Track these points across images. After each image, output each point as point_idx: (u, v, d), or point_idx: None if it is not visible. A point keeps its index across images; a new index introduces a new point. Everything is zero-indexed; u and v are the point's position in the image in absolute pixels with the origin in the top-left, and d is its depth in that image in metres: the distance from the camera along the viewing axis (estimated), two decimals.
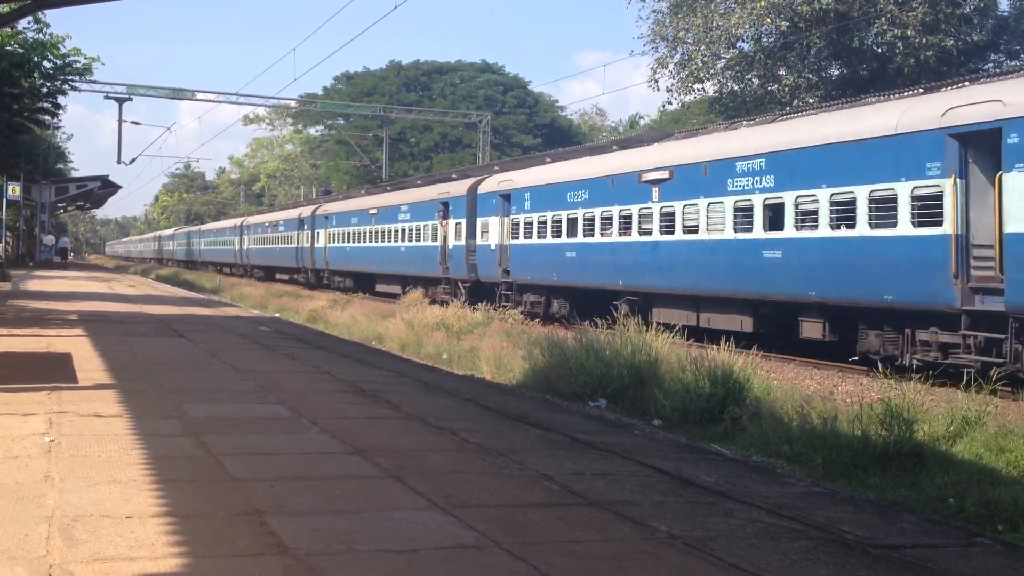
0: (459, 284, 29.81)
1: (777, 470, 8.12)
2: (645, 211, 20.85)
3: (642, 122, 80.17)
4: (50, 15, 33.06)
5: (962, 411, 9.98)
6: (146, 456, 6.93)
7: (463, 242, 29.45)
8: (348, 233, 41.27)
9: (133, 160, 57.78)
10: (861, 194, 14.93)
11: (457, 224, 30.01)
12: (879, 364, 13.48)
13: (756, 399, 10.91)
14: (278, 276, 53.16)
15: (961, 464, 8.53)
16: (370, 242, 38.31)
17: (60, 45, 32.71)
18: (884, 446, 8.52)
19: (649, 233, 20.66)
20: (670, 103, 42.37)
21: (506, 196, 27.12)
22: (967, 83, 15.78)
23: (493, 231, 27.53)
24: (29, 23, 30.95)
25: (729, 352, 11.71)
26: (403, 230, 34.81)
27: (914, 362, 14.01)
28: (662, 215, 20.15)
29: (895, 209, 14.32)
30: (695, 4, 37.94)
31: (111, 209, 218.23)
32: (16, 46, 30.94)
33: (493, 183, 28.42)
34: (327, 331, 22.48)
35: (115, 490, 5.91)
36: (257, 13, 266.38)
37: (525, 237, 25.74)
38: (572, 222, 23.62)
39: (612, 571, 4.85)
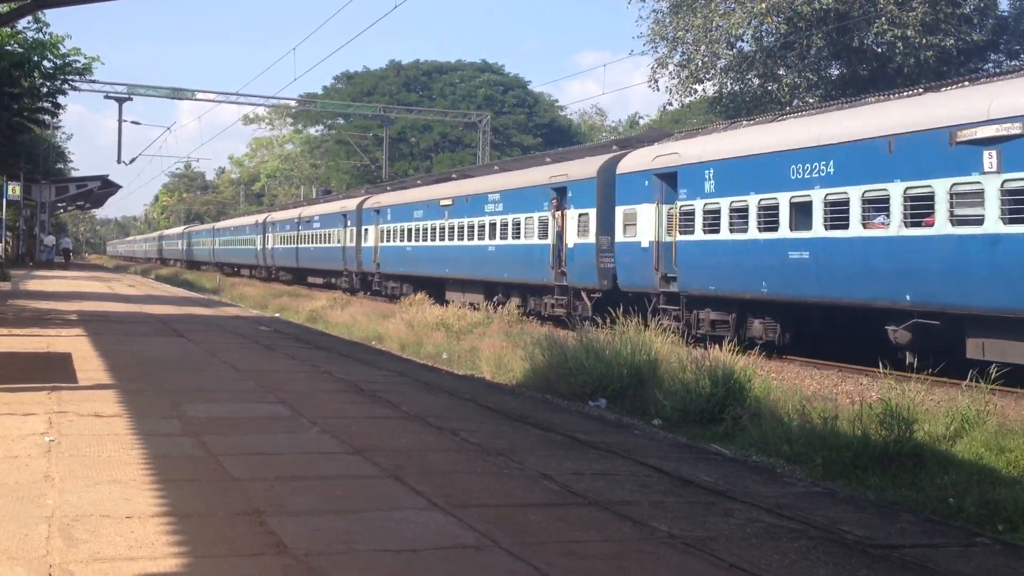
0: (582, 293, 22.92)
1: (777, 470, 8.12)
2: (967, 188, 13.20)
3: (642, 122, 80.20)
4: (50, 15, 33.07)
5: (962, 411, 9.98)
6: (146, 456, 6.93)
7: (591, 239, 22.48)
8: (408, 230, 34.08)
9: (133, 160, 57.78)
10: None
11: (581, 215, 23.01)
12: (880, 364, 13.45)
13: (756, 399, 10.91)
14: (310, 280, 46.72)
15: (961, 464, 8.53)
16: (439, 240, 31.28)
17: (60, 45, 32.67)
18: (884, 446, 8.52)
19: (979, 223, 13.01)
20: (671, 104, 42.39)
21: (668, 176, 19.82)
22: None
23: (645, 224, 20.43)
24: (29, 23, 30.93)
25: (729, 352, 11.71)
26: (492, 225, 27.52)
27: None
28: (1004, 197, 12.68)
29: None
30: (695, 4, 37.95)
31: (111, 209, 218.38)
32: (16, 46, 30.91)
33: (643, 159, 21.13)
34: (327, 331, 22.48)
35: (115, 490, 5.91)
36: (257, 13, 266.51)
37: (707, 231, 18.27)
38: (800, 209, 16.10)
39: (612, 571, 4.85)
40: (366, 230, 38.74)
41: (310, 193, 77.15)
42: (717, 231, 18.02)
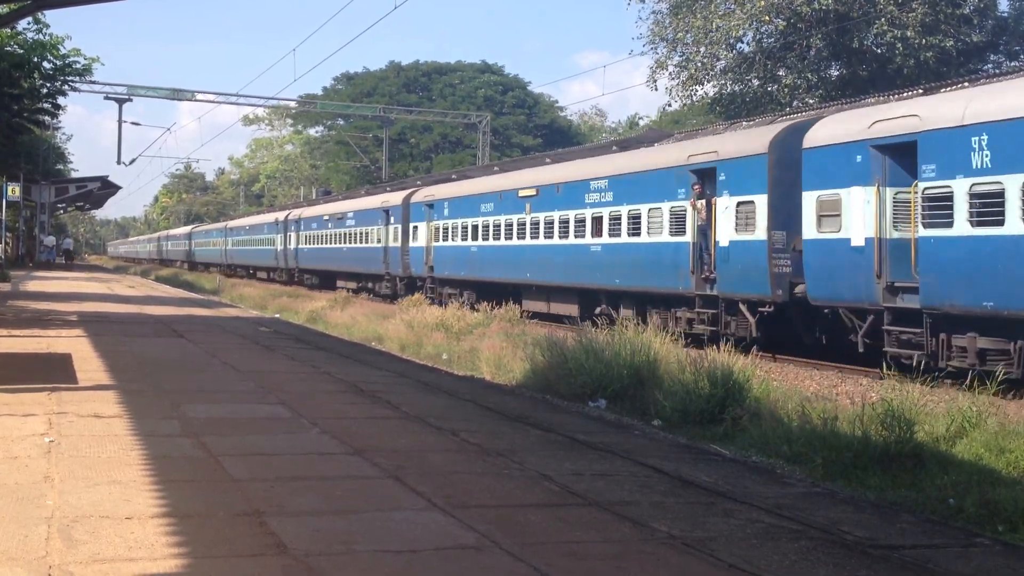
0: (741, 306, 17.56)
1: (777, 470, 8.12)
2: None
3: (642, 123, 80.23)
4: (50, 15, 33.05)
5: (962, 411, 9.98)
6: (146, 457, 6.93)
7: (758, 234, 17.12)
8: (472, 227, 28.71)
9: (133, 161, 57.80)
10: None
11: (741, 205, 17.55)
12: (882, 364, 13.46)
13: (756, 399, 10.91)
14: (341, 284, 40.72)
15: (961, 464, 8.52)
16: (515, 239, 25.95)
17: (60, 46, 32.69)
18: (884, 446, 8.52)
19: None
20: (670, 104, 42.43)
21: (898, 147, 14.49)
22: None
23: (856, 214, 15.01)
24: (29, 24, 30.95)
25: (729, 353, 11.71)
26: (596, 219, 21.98)
27: None
28: None
29: None
30: (695, 5, 37.98)
31: (111, 210, 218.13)
32: (16, 47, 30.93)
33: (851, 126, 15.44)
34: (327, 332, 22.48)
35: (115, 491, 5.91)
36: (257, 13, 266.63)
37: (977, 222, 13.02)
38: None
39: (612, 571, 4.85)
40: (414, 228, 33.16)
41: (310, 194, 77.10)
42: (1001, 222, 12.56)
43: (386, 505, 5.92)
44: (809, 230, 15.92)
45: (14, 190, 48.64)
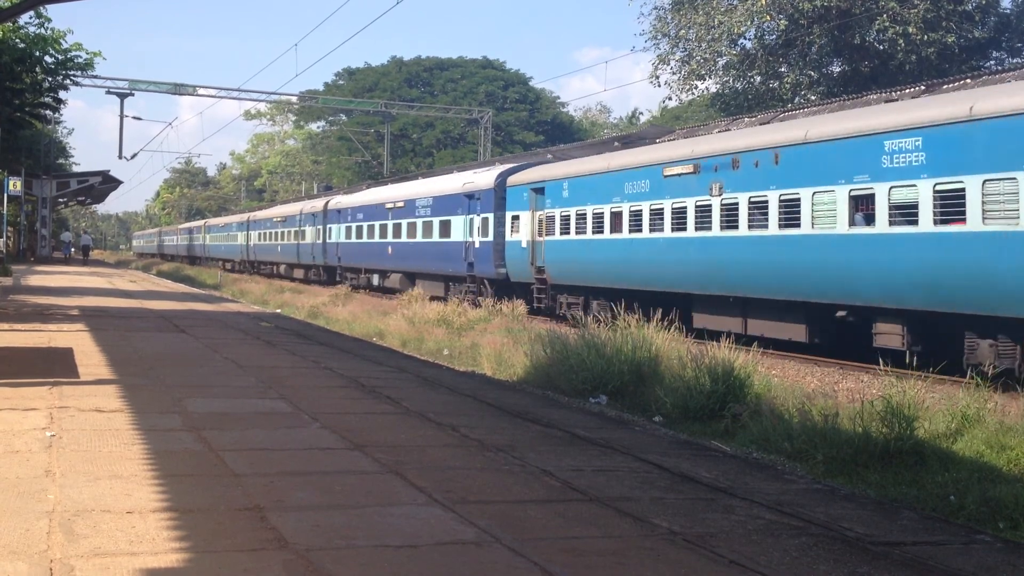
0: None
1: (778, 467, 8.12)
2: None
3: (643, 118, 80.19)
4: (52, 10, 33.07)
5: (963, 408, 9.98)
6: (147, 451, 6.93)
7: None
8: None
9: (134, 155, 58.04)
10: None
11: None
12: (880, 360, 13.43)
13: (757, 396, 10.92)
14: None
15: (962, 461, 8.53)
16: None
17: (62, 40, 32.68)
18: (885, 443, 8.52)
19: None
20: (670, 98, 42.37)
21: None
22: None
23: None
24: (31, 18, 30.96)
25: (729, 349, 11.71)
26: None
27: None
28: None
29: None
30: (696, 1, 37.92)
31: (112, 204, 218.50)
32: (18, 41, 30.92)
33: None
34: (328, 327, 22.47)
35: (116, 485, 5.91)
36: (259, 8, 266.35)
37: None
38: None
39: (612, 567, 4.86)
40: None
41: (311, 190, 77.09)
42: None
43: (386, 500, 5.93)
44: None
45: (15, 184, 48.63)
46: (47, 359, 11.99)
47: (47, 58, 32.75)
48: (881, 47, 35.56)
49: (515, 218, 26.67)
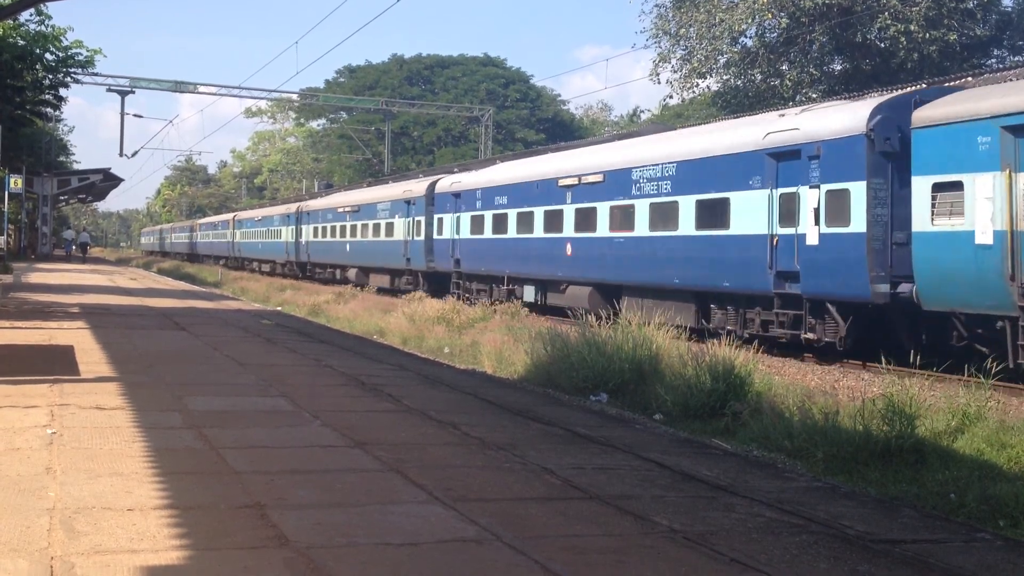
0: None
1: (778, 465, 8.12)
2: None
3: (643, 116, 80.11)
4: (52, 7, 33.06)
5: (963, 407, 9.98)
6: (148, 449, 6.94)
7: None
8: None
9: (135, 153, 58.18)
10: None
11: None
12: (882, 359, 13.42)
13: (757, 394, 10.93)
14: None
15: (962, 459, 8.53)
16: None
17: (62, 37, 32.71)
18: (885, 441, 8.53)
19: None
20: (671, 96, 42.34)
21: None
22: None
23: None
24: (31, 15, 30.97)
25: (730, 347, 11.71)
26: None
27: None
28: None
29: None
30: None
31: (113, 202, 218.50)
32: (18, 39, 30.94)
33: None
34: (329, 325, 22.48)
35: (117, 482, 5.92)
36: (259, 6, 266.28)
37: None
38: None
39: (613, 565, 4.86)
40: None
41: (312, 187, 77.06)
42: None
43: (387, 498, 5.93)
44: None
45: (16, 182, 48.64)
46: (48, 357, 11.99)
47: (48, 55, 32.79)
48: (882, 45, 35.55)
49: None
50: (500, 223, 25.79)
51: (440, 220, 29.88)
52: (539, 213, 23.79)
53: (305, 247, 46.86)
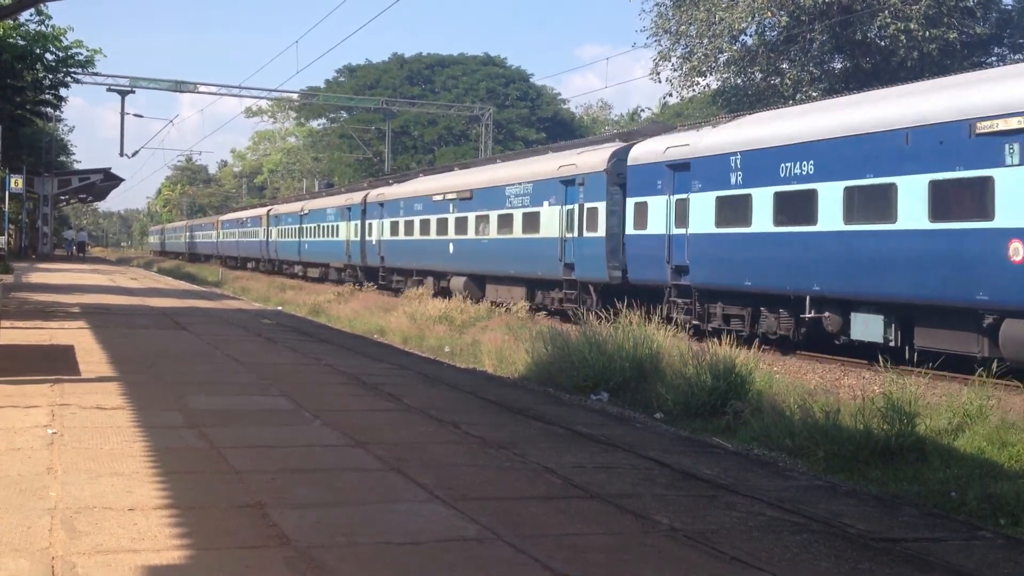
0: None
1: (779, 464, 8.12)
2: None
3: (644, 115, 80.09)
4: (52, 7, 33.08)
5: (964, 405, 9.98)
6: (148, 448, 6.94)
7: None
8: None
9: (135, 153, 58.10)
10: None
11: None
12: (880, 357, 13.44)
13: (758, 393, 10.92)
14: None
15: (963, 458, 8.53)
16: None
17: (62, 37, 32.72)
18: (886, 440, 8.53)
19: None
20: (671, 95, 42.30)
21: None
22: None
23: None
24: (31, 15, 30.99)
25: (731, 346, 11.71)
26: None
27: None
28: None
29: None
30: None
31: (113, 202, 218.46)
32: (18, 38, 30.95)
33: None
34: (329, 324, 22.49)
35: (117, 482, 5.92)
36: (260, 5, 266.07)
37: None
38: None
39: (613, 564, 4.86)
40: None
41: (312, 187, 77.03)
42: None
43: (388, 497, 5.93)
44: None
45: (17, 182, 48.64)
46: (49, 356, 12.00)
47: (48, 55, 32.80)
48: (883, 43, 35.50)
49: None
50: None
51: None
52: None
53: (376, 247, 36.20)
